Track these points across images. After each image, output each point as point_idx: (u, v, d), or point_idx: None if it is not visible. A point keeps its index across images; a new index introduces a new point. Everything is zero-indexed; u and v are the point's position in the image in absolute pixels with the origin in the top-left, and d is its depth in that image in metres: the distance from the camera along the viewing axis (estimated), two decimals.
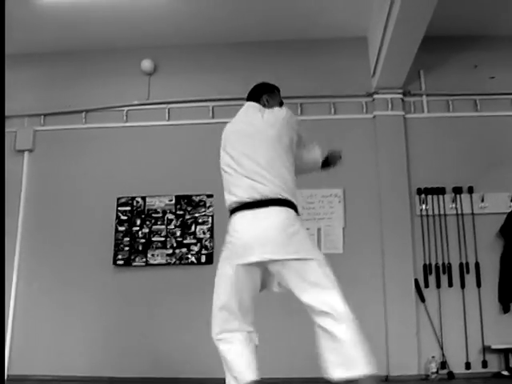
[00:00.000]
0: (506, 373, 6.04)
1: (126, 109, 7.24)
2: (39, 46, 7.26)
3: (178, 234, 6.80)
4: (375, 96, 7.02)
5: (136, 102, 7.24)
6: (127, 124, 7.22)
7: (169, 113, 7.19)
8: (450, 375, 6.08)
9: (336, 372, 3.10)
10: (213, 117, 7.02)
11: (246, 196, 3.38)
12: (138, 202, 6.92)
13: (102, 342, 6.52)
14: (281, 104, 3.93)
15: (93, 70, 7.41)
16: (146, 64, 7.23)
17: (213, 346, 3.48)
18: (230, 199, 3.51)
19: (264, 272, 3.41)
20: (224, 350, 3.37)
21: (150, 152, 7.09)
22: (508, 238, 6.48)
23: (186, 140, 7.02)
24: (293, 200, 3.40)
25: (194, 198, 6.87)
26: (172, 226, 6.83)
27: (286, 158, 3.48)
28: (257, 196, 3.34)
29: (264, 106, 3.77)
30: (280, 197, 3.34)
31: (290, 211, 3.36)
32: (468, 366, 6.23)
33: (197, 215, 6.82)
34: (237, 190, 3.46)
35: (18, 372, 6.37)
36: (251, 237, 3.33)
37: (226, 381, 3.40)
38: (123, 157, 7.11)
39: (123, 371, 6.35)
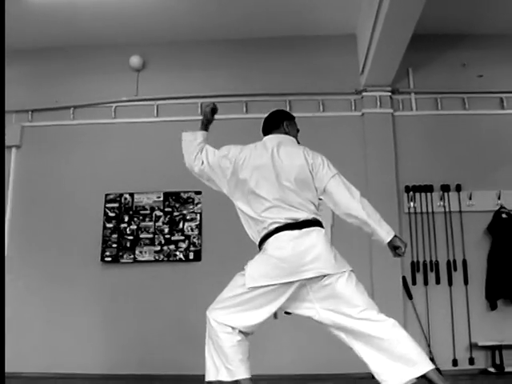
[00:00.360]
0: (492, 369, 6.07)
1: (114, 105, 7.23)
2: (27, 42, 7.23)
3: (166, 230, 6.79)
4: (364, 93, 7.03)
5: (124, 99, 7.22)
6: (115, 120, 7.20)
7: (157, 109, 7.18)
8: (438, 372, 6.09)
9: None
10: (201, 113, 6.98)
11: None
12: (126, 198, 6.91)
13: (90, 338, 6.50)
14: (297, 131, 3.97)
15: (81, 66, 7.38)
16: (135, 60, 7.20)
17: (200, 342, 3.48)
18: None
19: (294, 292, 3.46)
20: (223, 338, 3.40)
21: (138, 148, 7.07)
22: (495, 235, 6.51)
23: (174, 137, 6.87)
24: None
25: (182, 194, 6.87)
26: (160, 223, 6.82)
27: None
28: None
29: (286, 133, 3.83)
30: None
31: None
32: (455, 362, 6.26)
33: (185, 212, 6.81)
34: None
35: (6, 370, 6.33)
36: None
37: (212, 367, 3.44)
38: (111, 153, 7.09)
39: (112, 368, 6.34)
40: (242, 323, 3.41)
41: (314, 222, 3.49)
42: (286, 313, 3.60)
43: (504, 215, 6.54)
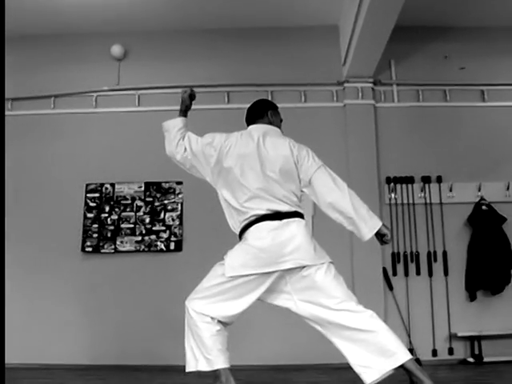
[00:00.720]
0: (471, 360, 6.12)
1: (95, 94, 7.18)
2: (7, 30, 7.10)
3: (147, 220, 6.77)
4: (345, 85, 7.03)
5: (105, 88, 7.17)
6: (96, 110, 7.16)
7: (139, 99, 7.15)
8: (417, 362, 6.09)
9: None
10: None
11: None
12: (106, 188, 6.88)
13: (71, 329, 6.48)
14: (281, 121, 3.98)
15: (62, 55, 7.32)
16: (116, 49, 7.16)
17: (181, 333, 3.47)
18: None
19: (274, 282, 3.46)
20: (202, 328, 3.40)
21: (119, 138, 7.04)
22: (475, 227, 6.56)
23: (155, 127, 6.84)
24: None
25: (163, 184, 6.85)
26: (141, 213, 6.80)
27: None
28: None
29: (270, 123, 3.83)
30: None
31: None
32: (435, 353, 6.31)
33: (166, 202, 6.80)
34: None
35: None
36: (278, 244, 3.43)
37: (191, 357, 3.45)
38: (92, 143, 7.04)
39: (92, 359, 6.33)
40: (220, 313, 3.41)
41: (295, 214, 3.51)
42: None
43: (484, 207, 6.58)
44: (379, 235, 3.55)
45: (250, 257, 3.39)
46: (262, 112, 3.88)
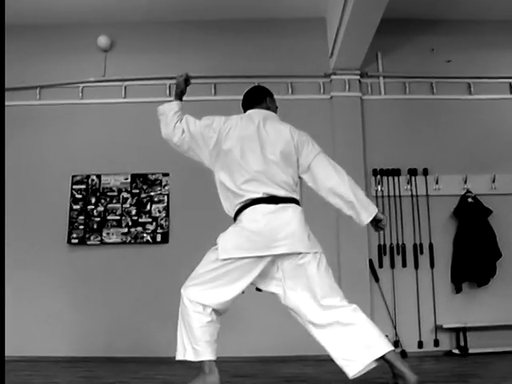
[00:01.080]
0: (456, 351, 6.16)
1: (81, 85, 7.14)
2: None
3: (134, 212, 6.75)
4: (332, 77, 7.03)
5: (92, 79, 7.14)
6: (83, 101, 7.12)
7: (125, 90, 7.12)
8: (403, 354, 6.16)
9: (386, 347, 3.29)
10: (169, 95, 6.96)
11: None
12: (93, 180, 6.85)
13: (58, 321, 6.45)
14: (276, 108, 4.02)
15: (48, 45, 7.27)
16: (103, 40, 7.12)
17: (167, 324, 3.48)
18: None
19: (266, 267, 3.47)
20: (194, 317, 3.39)
21: (105, 130, 7.01)
22: (461, 219, 6.59)
23: (142, 118, 6.95)
24: None
25: (149, 176, 6.83)
26: (127, 205, 6.78)
27: None
28: None
29: (268, 108, 3.86)
30: None
31: None
32: (420, 344, 6.34)
33: (152, 194, 6.78)
34: None
35: None
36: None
37: (181, 346, 3.45)
38: (78, 134, 7.01)
39: (79, 351, 6.31)
40: (215, 300, 3.40)
41: (291, 200, 3.53)
42: (258, 289, 3.62)
43: (470, 199, 6.60)
44: (375, 221, 3.56)
45: (243, 239, 3.39)
46: (260, 98, 3.91)
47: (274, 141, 3.58)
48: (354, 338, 3.29)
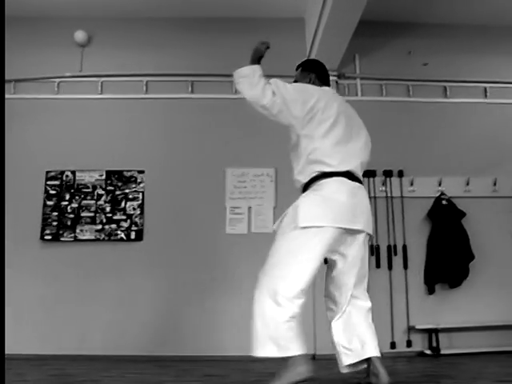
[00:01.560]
0: (428, 352, 6.20)
1: (57, 80, 7.08)
2: None
3: (108, 209, 6.71)
4: None
5: (68, 74, 7.07)
6: (58, 96, 7.06)
7: (102, 86, 7.07)
8: None
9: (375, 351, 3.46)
10: (146, 92, 6.94)
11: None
12: (67, 176, 6.80)
13: (28, 318, 6.40)
14: None
15: (23, 39, 7.20)
16: (80, 35, 7.07)
17: (140, 322, 3.46)
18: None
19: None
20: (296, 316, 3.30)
21: (81, 125, 6.96)
22: (435, 221, 6.63)
23: (118, 115, 6.93)
24: None
25: (124, 173, 6.79)
26: (102, 202, 6.74)
27: None
28: None
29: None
30: None
31: None
32: (393, 345, 6.36)
33: (127, 191, 6.74)
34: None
35: None
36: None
37: (267, 349, 3.41)
38: (53, 129, 6.96)
39: (51, 349, 6.26)
40: (308, 280, 3.32)
41: (361, 181, 3.63)
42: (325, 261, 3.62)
43: (444, 202, 6.65)
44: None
45: (329, 210, 3.34)
46: (329, 79, 4.13)
47: (358, 121, 3.86)
48: (357, 332, 3.54)
